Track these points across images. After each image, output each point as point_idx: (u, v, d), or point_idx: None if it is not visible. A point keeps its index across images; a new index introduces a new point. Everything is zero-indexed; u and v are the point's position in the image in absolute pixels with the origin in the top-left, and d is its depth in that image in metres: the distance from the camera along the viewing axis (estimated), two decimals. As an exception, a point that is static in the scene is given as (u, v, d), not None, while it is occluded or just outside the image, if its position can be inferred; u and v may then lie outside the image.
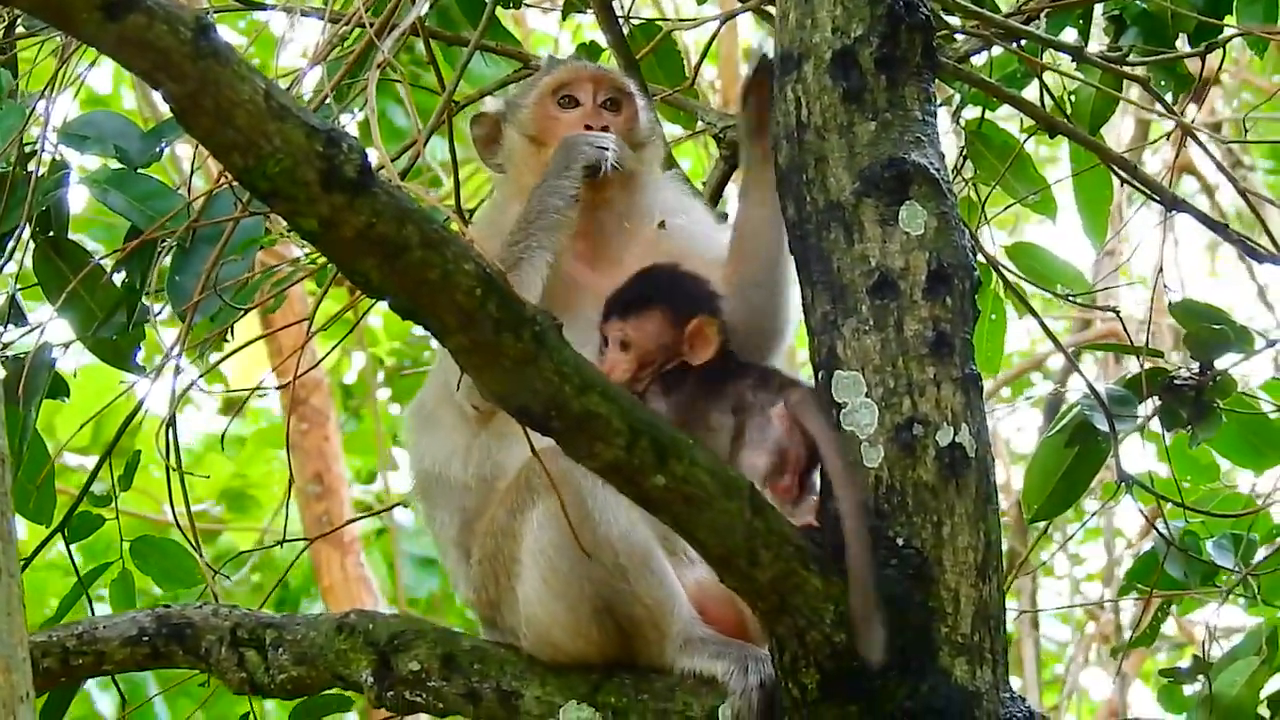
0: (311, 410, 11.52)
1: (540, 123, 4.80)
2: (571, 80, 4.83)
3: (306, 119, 3.60)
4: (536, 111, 4.81)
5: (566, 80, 4.83)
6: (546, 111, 4.80)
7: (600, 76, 4.85)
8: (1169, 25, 5.92)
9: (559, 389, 3.85)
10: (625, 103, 4.84)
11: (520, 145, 4.82)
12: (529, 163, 4.78)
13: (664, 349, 4.53)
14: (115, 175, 5.30)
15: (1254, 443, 5.77)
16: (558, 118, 4.79)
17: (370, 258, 3.69)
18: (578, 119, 4.77)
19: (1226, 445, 5.81)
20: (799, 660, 4.14)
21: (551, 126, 4.78)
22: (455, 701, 4.49)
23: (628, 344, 4.52)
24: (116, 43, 3.49)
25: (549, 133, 4.77)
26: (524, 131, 4.81)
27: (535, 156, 4.77)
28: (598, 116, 4.77)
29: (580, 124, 4.75)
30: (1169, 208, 5.74)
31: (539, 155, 4.76)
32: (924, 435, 4.22)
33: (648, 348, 4.52)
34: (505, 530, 4.48)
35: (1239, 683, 5.51)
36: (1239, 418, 5.66)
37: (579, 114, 4.79)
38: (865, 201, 4.32)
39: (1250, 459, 5.86)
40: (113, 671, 4.76)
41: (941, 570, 4.19)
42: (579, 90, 4.82)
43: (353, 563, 11.57)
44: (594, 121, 4.75)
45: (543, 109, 4.81)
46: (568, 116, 4.79)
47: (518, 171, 4.82)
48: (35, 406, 5.27)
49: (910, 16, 4.38)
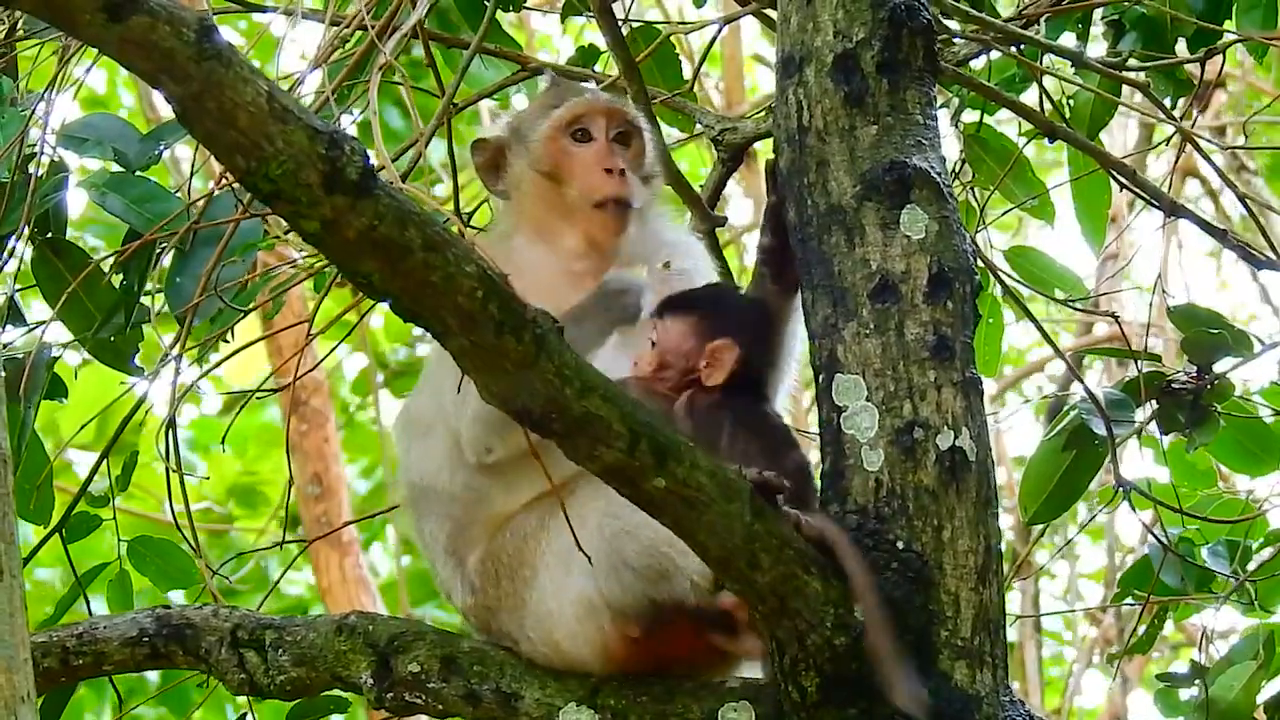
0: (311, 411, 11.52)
1: (553, 158, 4.75)
2: (584, 114, 4.78)
3: (309, 121, 3.60)
4: (549, 147, 4.76)
5: (580, 114, 4.78)
6: (559, 146, 4.75)
7: (613, 110, 4.81)
8: (1168, 30, 5.93)
9: (559, 391, 3.85)
10: (635, 136, 4.80)
11: (531, 179, 4.78)
12: (543, 198, 4.75)
13: (682, 358, 4.48)
14: (114, 178, 5.30)
15: (1251, 448, 5.78)
16: (571, 153, 4.74)
17: (372, 260, 3.69)
18: (593, 158, 4.72)
19: (1223, 451, 5.81)
20: (799, 663, 4.14)
21: (565, 162, 4.74)
22: (455, 703, 4.48)
23: (655, 343, 4.51)
24: (119, 44, 3.50)
25: (564, 170, 4.73)
26: (536, 167, 4.76)
27: (552, 193, 4.74)
28: (612, 156, 4.72)
29: (597, 164, 4.71)
30: (1168, 213, 5.75)
31: (554, 191, 4.73)
32: (924, 439, 4.23)
33: (667, 352, 4.50)
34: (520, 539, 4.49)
35: (1236, 687, 5.52)
36: (1236, 423, 5.66)
37: (594, 152, 4.73)
38: (866, 205, 4.33)
39: (1247, 464, 5.87)
40: (112, 672, 4.75)
41: (942, 574, 4.19)
42: (592, 124, 4.77)
43: (351, 564, 11.56)
44: (610, 163, 4.70)
45: (555, 144, 4.76)
46: (582, 153, 4.73)
47: (528, 204, 4.78)
48: (34, 407, 5.27)
49: (912, 20, 4.38)
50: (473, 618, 4.62)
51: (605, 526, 4.34)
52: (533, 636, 4.45)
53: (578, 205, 4.71)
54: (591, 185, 4.69)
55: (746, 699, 4.34)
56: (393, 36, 4.96)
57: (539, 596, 4.45)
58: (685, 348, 4.49)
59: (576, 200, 4.71)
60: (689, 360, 4.48)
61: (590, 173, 4.71)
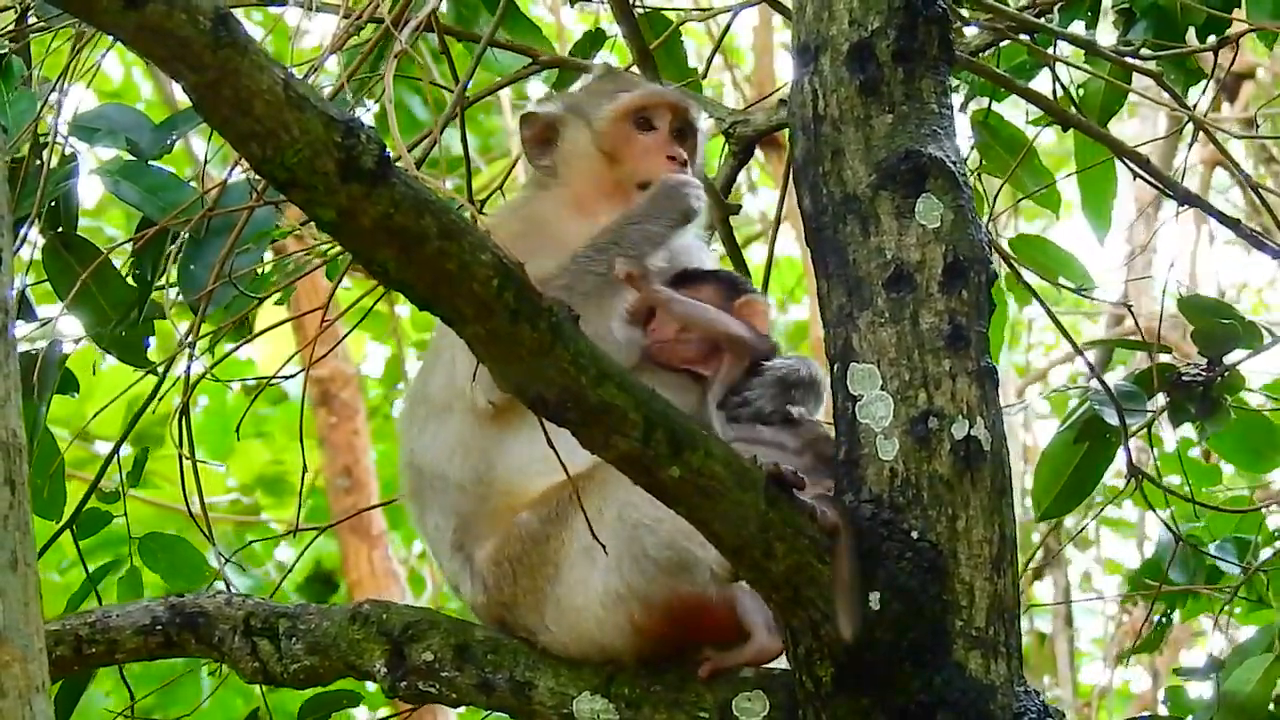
0: (341, 404, 11.52)
1: (615, 140, 4.85)
2: (653, 103, 4.89)
3: (325, 109, 3.60)
4: (613, 129, 4.86)
5: (648, 102, 4.89)
6: (623, 130, 4.85)
7: (679, 105, 4.92)
8: (1179, 18, 5.92)
9: (575, 379, 3.84)
10: (691, 135, 4.91)
11: (589, 156, 4.87)
12: (594, 173, 4.85)
13: None
14: (127, 166, 5.30)
15: (1256, 445, 5.78)
16: (634, 138, 4.85)
17: (388, 248, 3.69)
18: (656, 146, 4.84)
19: (1228, 448, 5.82)
20: (813, 653, 4.14)
21: (627, 147, 4.84)
22: (468, 692, 4.48)
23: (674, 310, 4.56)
24: (135, 31, 3.49)
25: (624, 152, 4.84)
26: (598, 145, 4.85)
27: (605, 171, 4.84)
28: (675, 147, 4.84)
29: (660, 151, 4.82)
30: (1181, 202, 5.75)
31: (609, 171, 4.83)
32: (939, 428, 4.22)
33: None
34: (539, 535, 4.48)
35: (1251, 680, 5.51)
36: (1241, 421, 5.66)
37: (656, 140, 4.85)
38: (881, 194, 4.32)
39: (1251, 462, 5.87)
40: (125, 660, 4.74)
41: (956, 564, 4.19)
42: (657, 115, 4.88)
43: (380, 556, 11.56)
44: (674, 153, 4.82)
45: (619, 128, 4.86)
46: (645, 140, 4.85)
47: (577, 179, 4.87)
48: (46, 402, 5.26)
49: (927, 9, 4.38)
50: (484, 612, 4.60)
51: (625, 519, 4.35)
52: (554, 629, 4.44)
53: (626, 186, 4.80)
54: (648, 168, 4.80)
55: (760, 689, 4.35)
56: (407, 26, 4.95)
57: (564, 592, 4.44)
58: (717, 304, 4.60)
59: (626, 180, 4.81)
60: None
61: (650, 157, 4.82)
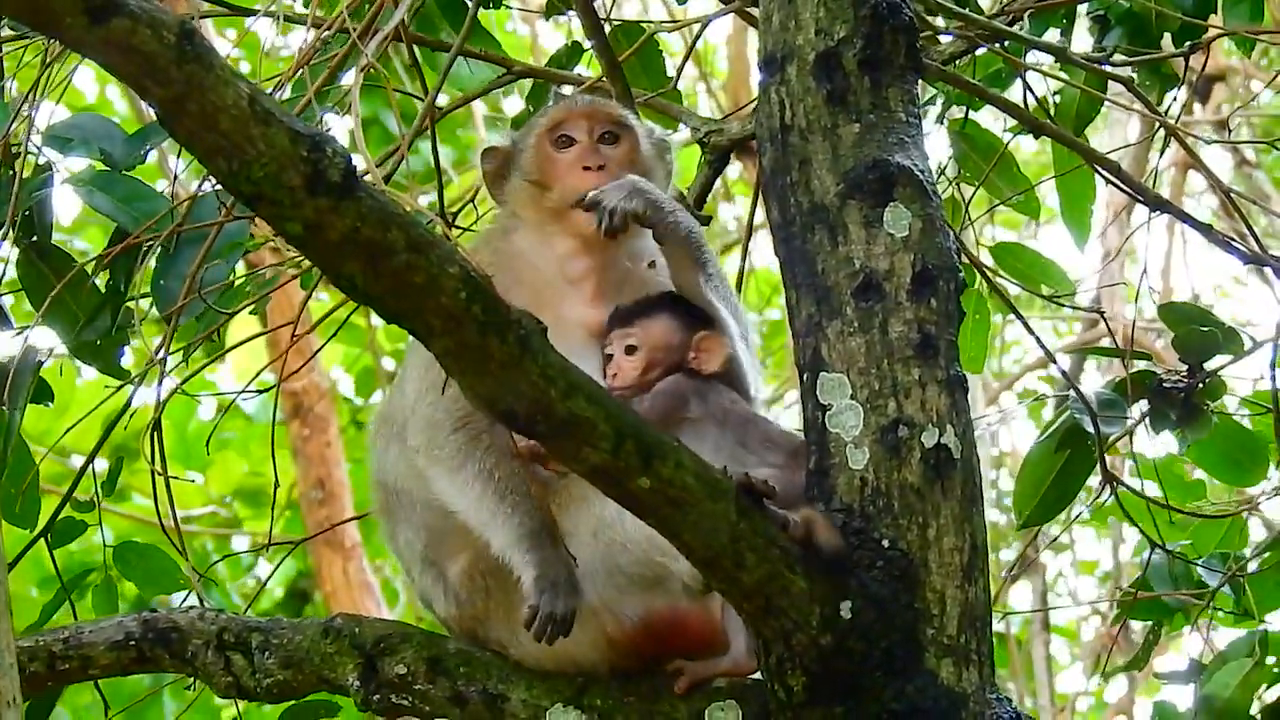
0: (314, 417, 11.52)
1: (540, 166, 4.75)
2: (565, 119, 4.78)
3: (291, 123, 3.60)
4: (536, 155, 4.76)
5: (559, 119, 4.78)
6: (545, 154, 4.75)
7: (593, 111, 4.81)
8: (1153, 25, 5.93)
9: (544, 392, 3.85)
10: (625, 135, 4.78)
11: (523, 188, 4.78)
12: (534, 204, 4.74)
13: (671, 351, 4.52)
14: (100, 176, 5.29)
15: (1237, 456, 5.78)
16: (555, 159, 4.74)
17: (355, 261, 3.69)
18: (574, 158, 4.73)
19: (1210, 460, 5.81)
20: (785, 663, 4.14)
21: (550, 168, 4.74)
22: (441, 704, 4.48)
23: (635, 348, 4.52)
24: (101, 47, 3.49)
25: (548, 175, 4.73)
26: (526, 176, 4.77)
27: (540, 198, 4.74)
28: (595, 154, 4.72)
29: (578, 164, 4.71)
30: (1152, 208, 5.76)
31: (544, 198, 4.73)
32: (910, 437, 4.23)
33: (656, 349, 4.52)
34: None
35: (1232, 685, 5.51)
36: (1223, 432, 5.66)
37: (575, 153, 4.74)
38: (849, 204, 4.33)
39: (1234, 474, 5.86)
40: (99, 676, 4.74)
41: (928, 572, 4.19)
42: (573, 128, 4.76)
43: (355, 568, 11.55)
44: (591, 160, 4.70)
45: (541, 153, 4.76)
46: (565, 157, 4.74)
47: (523, 210, 4.78)
48: (19, 411, 5.25)
49: (894, 18, 4.39)
50: (457, 627, 4.60)
51: (600, 536, 4.36)
52: (526, 643, 4.42)
53: (562, 208, 4.70)
54: (571, 186, 4.69)
55: (734, 698, 4.35)
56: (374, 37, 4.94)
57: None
58: (673, 341, 4.53)
59: (559, 203, 4.70)
60: (679, 354, 4.52)
61: (570, 174, 4.70)
